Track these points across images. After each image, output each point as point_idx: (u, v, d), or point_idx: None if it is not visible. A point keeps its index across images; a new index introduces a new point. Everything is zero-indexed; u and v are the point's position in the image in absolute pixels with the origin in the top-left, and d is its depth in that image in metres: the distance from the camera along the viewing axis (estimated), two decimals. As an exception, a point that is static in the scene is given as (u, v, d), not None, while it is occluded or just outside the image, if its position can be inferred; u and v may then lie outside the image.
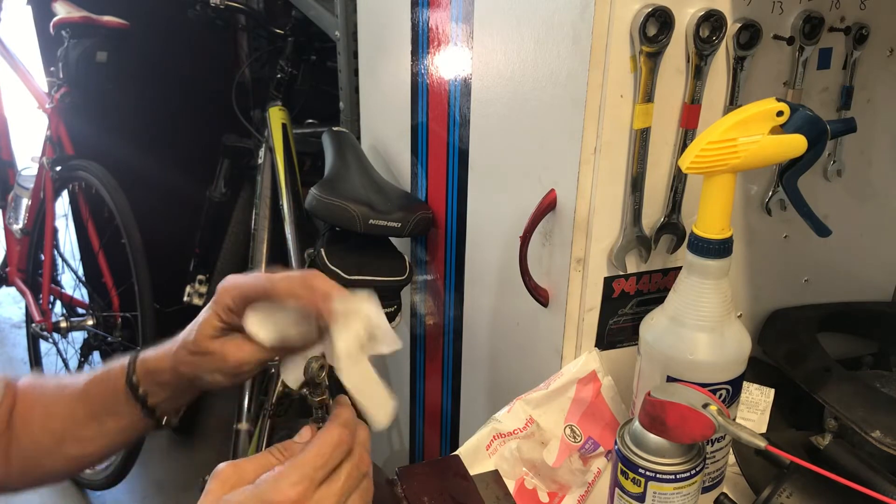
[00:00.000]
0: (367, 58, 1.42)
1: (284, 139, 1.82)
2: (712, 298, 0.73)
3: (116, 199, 2.04)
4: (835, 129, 0.73)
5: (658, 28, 0.75)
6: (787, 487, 0.70)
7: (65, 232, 2.47)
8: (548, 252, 0.90)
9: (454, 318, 1.21)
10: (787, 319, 0.96)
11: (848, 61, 0.87)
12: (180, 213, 2.35)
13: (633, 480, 0.68)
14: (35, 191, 2.34)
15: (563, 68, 0.81)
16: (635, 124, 0.79)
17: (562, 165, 0.84)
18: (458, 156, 1.10)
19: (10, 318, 3.01)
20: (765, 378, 0.88)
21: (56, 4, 2.09)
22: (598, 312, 0.88)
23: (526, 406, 0.84)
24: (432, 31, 1.10)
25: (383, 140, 1.40)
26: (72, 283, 2.49)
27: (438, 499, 0.67)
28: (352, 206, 1.18)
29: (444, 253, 1.20)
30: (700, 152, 0.69)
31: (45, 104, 2.23)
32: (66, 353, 2.43)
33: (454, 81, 1.06)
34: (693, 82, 0.80)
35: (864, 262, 1.00)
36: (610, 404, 0.89)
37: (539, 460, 0.81)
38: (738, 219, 0.90)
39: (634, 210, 0.83)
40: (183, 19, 1.94)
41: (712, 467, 0.79)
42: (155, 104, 2.37)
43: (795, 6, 0.81)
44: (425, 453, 1.44)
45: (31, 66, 2.36)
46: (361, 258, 1.22)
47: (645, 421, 0.67)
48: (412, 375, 1.42)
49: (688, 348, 0.74)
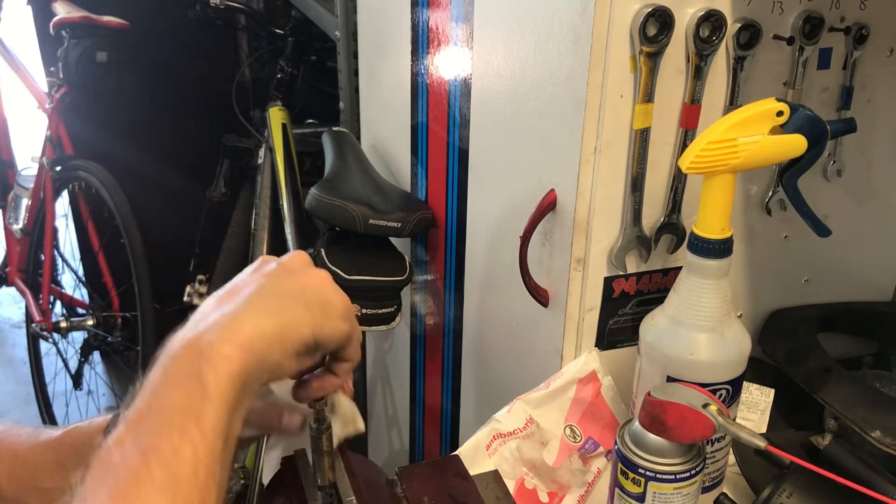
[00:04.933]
0: (367, 58, 1.42)
1: (284, 139, 1.82)
2: (712, 298, 0.73)
3: (116, 199, 2.04)
4: (835, 129, 0.73)
5: (658, 28, 0.75)
6: (787, 487, 0.70)
7: (65, 232, 2.47)
8: (548, 252, 0.90)
9: (454, 318, 1.21)
10: (787, 319, 0.96)
11: (848, 61, 0.87)
12: (180, 213, 2.35)
13: (633, 480, 0.68)
14: (35, 191, 2.34)
15: (563, 68, 0.81)
16: (635, 124, 0.79)
17: (562, 165, 0.84)
18: (458, 156, 1.10)
19: (10, 318, 3.01)
20: (765, 378, 0.88)
21: (56, 4, 2.09)
22: (598, 312, 0.88)
23: (526, 406, 0.84)
24: (432, 31, 1.10)
25: (383, 140, 1.40)
26: (72, 283, 2.49)
27: (438, 499, 0.66)
28: (352, 206, 1.18)
29: (444, 253, 1.20)
30: (700, 152, 0.69)
31: (45, 104, 2.23)
32: (66, 353, 2.43)
33: (454, 81, 1.06)
34: (693, 82, 0.80)
35: (864, 262, 1.00)
36: (610, 404, 0.89)
37: (539, 460, 0.81)
38: (738, 219, 0.90)
39: (634, 210, 0.83)
40: (183, 19, 1.94)
41: (712, 467, 0.79)
42: (155, 104, 2.37)
43: (795, 6, 0.81)
44: (425, 453, 1.44)
45: (31, 66, 2.36)
46: (361, 258, 1.22)
47: (645, 421, 0.67)
48: (412, 375, 1.42)
49: (688, 348, 0.74)
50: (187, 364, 0.49)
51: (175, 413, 0.47)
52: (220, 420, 0.48)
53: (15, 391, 2.64)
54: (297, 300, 0.55)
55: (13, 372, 2.77)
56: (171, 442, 0.45)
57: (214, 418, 0.47)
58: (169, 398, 0.48)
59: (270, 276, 0.57)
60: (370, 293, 1.21)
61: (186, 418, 0.47)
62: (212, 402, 0.48)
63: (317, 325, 0.55)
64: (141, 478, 0.44)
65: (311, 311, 0.55)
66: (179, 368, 0.49)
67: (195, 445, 0.46)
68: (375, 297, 1.22)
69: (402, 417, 1.52)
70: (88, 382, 2.46)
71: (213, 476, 0.46)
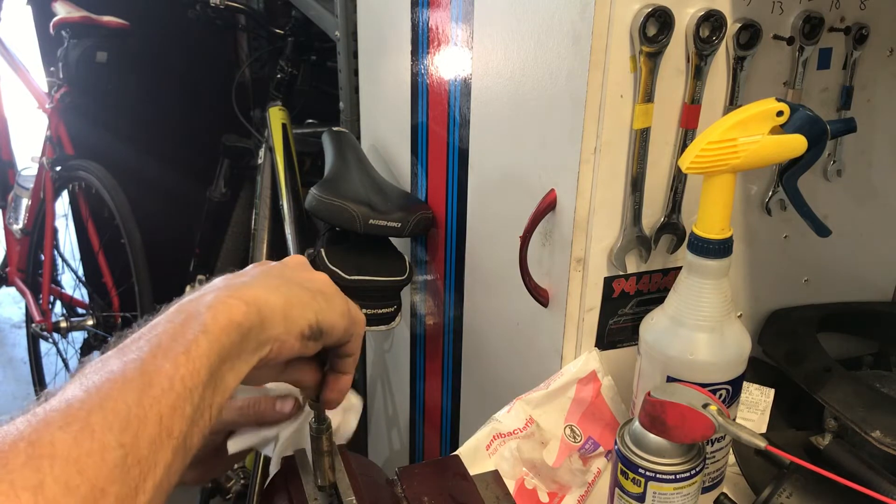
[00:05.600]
0: (367, 58, 1.42)
1: (284, 139, 1.82)
2: (712, 298, 0.73)
3: (116, 199, 2.04)
4: (835, 129, 0.73)
5: (658, 28, 0.75)
6: (787, 487, 0.70)
7: (65, 232, 2.47)
8: (548, 252, 0.90)
9: (454, 318, 1.21)
10: (787, 319, 0.96)
11: (848, 61, 0.87)
12: (180, 213, 2.35)
13: (633, 480, 0.68)
14: (35, 191, 2.34)
15: (563, 68, 0.81)
16: (635, 124, 0.79)
17: (562, 165, 0.84)
18: (458, 156, 1.10)
19: (10, 318, 3.01)
20: (765, 378, 0.88)
21: (56, 4, 2.10)
22: (598, 312, 0.88)
23: (526, 406, 0.84)
24: (432, 31, 1.10)
25: (383, 140, 1.40)
26: (72, 283, 2.49)
27: (438, 499, 0.66)
28: (352, 206, 1.18)
29: (444, 253, 1.20)
30: (700, 152, 0.69)
31: (45, 104, 2.23)
32: (66, 353, 2.43)
33: (454, 81, 1.06)
34: (693, 82, 0.80)
35: (864, 262, 1.00)
36: (610, 404, 0.89)
37: (539, 460, 0.81)
38: (738, 219, 0.90)
39: (634, 210, 0.83)
40: (183, 19, 1.94)
41: (712, 467, 0.79)
42: (155, 104, 2.37)
43: (795, 6, 0.81)
44: (425, 453, 1.44)
45: (31, 66, 2.36)
46: (361, 258, 1.22)
47: (645, 421, 0.67)
48: (412, 375, 1.42)
49: (688, 348, 0.74)
50: (190, 308, 0.49)
51: (165, 339, 0.46)
52: (210, 354, 0.47)
53: (15, 391, 2.64)
54: (302, 287, 0.56)
55: (13, 372, 2.77)
56: (153, 356, 0.45)
57: (206, 348, 0.47)
58: (164, 328, 0.47)
59: (274, 266, 0.58)
60: (370, 293, 1.21)
61: (175, 343, 0.46)
62: (206, 336, 0.47)
63: (321, 311, 0.56)
64: (115, 376, 0.43)
65: (316, 298, 0.56)
66: (180, 310, 0.49)
67: (178, 364, 0.45)
68: (375, 297, 1.22)
69: (402, 417, 1.52)
70: (88, 382, 2.46)
71: (189, 396, 0.45)
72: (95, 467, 0.39)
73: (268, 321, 0.52)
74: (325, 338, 0.57)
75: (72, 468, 0.38)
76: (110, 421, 0.40)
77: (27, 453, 0.37)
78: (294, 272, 0.59)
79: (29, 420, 0.40)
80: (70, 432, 0.39)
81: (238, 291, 0.51)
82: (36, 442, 0.38)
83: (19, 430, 0.39)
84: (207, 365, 0.47)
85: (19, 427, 0.39)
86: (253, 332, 0.51)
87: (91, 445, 0.39)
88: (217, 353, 0.48)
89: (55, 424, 0.39)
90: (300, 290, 0.56)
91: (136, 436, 0.41)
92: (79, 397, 0.41)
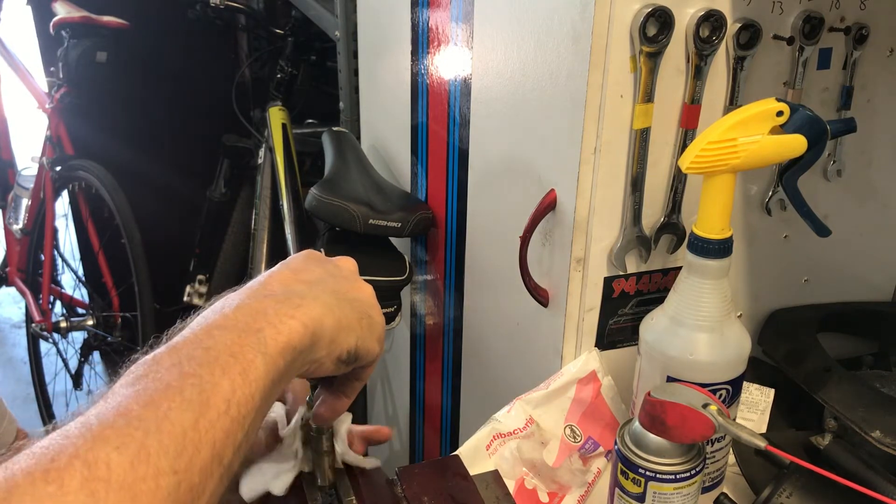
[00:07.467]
0: (367, 58, 1.42)
1: (284, 139, 1.82)
2: (712, 298, 0.73)
3: (116, 199, 2.04)
4: (835, 129, 0.73)
5: (658, 28, 0.75)
6: (787, 487, 0.70)
7: (65, 232, 2.47)
8: (548, 252, 0.90)
9: (454, 318, 1.20)
10: (787, 319, 0.96)
11: (848, 61, 0.87)
12: (180, 213, 2.35)
13: (633, 480, 0.68)
14: (35, 191, 2.34)
15: (563, 68, 0.81)
16: (635, 124, 0.79)
17: (562, 165, 0.84)
18: (458, 156, 1.10)
19: (10, 318, 3.01)
20: (765, 378, 0.88)
21: (56, 4, 2.09)
22: (598, 312, 0.88)
23: (526, 406, 0.84)
24: (432, 31, 1.10)
25: (383, 140, 1.40)
26: (72, 283, 2.49)
27: (438, 499, 0.66)
28: (352, 206, 1.18)
29: (444, 253, 1.20)
30: (700, 152, 0.69)
31: (45, 104, 2.23)
32: (66, 353, 2.43)
33: (454, 81, 1.06)
34: (693, 82, 0.80)
35: (864, 262, 1.00)
36: (610, 404, 0.89)
37: (539, 460, 0.81)
38: (738, 219, 0.90)
39: (634, 210, 0.83)
40: (183, 19, 1.94)
41: (712, 467, 0.79)
42: (155, 104, 2.37)
43: (795, 6, 0.81)
44: (425, 453, 1.44)
45: (31, 66, 2.36)
46: (361, 258, 1.20)
47: (645, 421, 0.67)
48: (412, 375, 1.42)
49: (688, 348, 0.74)
50: (249, 318, 0.47)
51: (223, 352, 0.45)
52: (266, 378, 0.45)
53: (15, 391, 2.64)
54: (352, 308, 0.54)
55: (13, 372, 2.77)
56: (211, 372, 0.43)
57: (262, 371, 0.45)
58: (221, 339, 0.45)
59: (330, 273, 0.56)
60: (370, 293, 1.21)
61: (234, 360, 0.44)
62: (264, 358, 0.46)
63: (361, 338, 0.54)
64: (172, 388, 0.41)
65: (361, 322, 0.55)
66: (239, 318, 0.47)
67: (235, 385, 0.43)
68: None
69: (402, 417, 1.52)
70: (88, 382, 2.46)
71: (242, 421, 0.43)
72: (149, 495, 0.38)
73: (317, 345, 0.51)
74: (357, 363, 0.56)
75: (126, 495, 0.37)
76: (166, 445, 0.40)
77: (83, 475, 0.37)
78: (346, 284, 0.56)
79: (83, 433, 0.38)
80: (126, 455, 0.38)
81: (299, 311, 0.49)
82: (92, 463, 0.37)
83: (75, 445, 0.38)
84: (261, 389, 0.45)
85: (74, 441, 0.38)
86: (303, 354, 0.50)
87: (146, 471, 0.38)
88: (272, 377, 0.46)
89: (111, 444, 0.38)
90: (350, 310, 0.54)
91: (191, 462, 0.40)
92: (135, 413, 0.40)
